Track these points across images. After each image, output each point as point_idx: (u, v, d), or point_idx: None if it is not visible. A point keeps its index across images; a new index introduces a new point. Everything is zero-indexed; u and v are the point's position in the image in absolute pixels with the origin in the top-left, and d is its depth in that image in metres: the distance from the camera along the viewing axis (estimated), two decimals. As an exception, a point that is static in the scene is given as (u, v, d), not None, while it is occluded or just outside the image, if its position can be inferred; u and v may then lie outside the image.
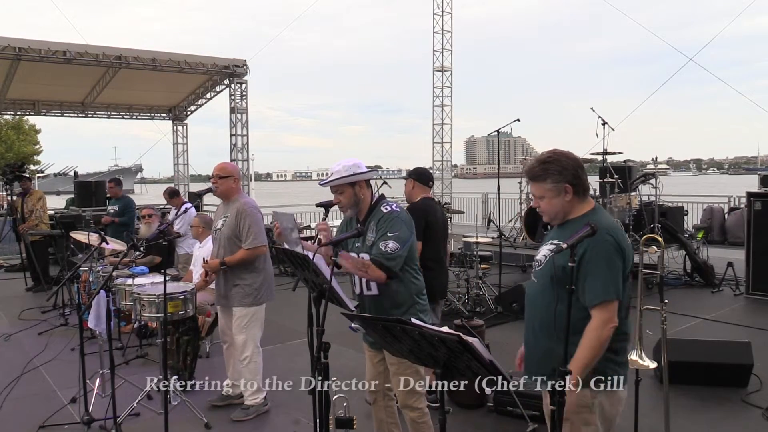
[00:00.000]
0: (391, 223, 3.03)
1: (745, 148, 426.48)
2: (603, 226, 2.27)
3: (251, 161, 16.10)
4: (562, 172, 2.36)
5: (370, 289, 3.12)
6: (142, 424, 4.18)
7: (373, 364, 3.27)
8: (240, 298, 4.26)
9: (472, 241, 7.92)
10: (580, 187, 2.39)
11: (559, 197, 2.38)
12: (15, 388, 4.76)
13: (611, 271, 2.25)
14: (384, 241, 2.98)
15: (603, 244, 2.26)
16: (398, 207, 3.16)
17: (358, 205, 3.15)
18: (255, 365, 4.32)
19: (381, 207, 3.12)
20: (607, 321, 2.24)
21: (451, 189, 17.26)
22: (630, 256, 2.33)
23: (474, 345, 1.88)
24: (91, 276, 6.03)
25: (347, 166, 3.09)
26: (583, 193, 2.41)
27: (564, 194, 2.37)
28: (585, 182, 2.41)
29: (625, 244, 2.31)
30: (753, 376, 4.69)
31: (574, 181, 2.36)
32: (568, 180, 2.35)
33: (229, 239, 4.25)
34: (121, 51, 11.54)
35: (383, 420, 3.32)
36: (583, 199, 2.41)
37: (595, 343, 2.24)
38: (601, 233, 2.23)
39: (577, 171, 2.38)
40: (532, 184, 2.45)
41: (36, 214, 8.81)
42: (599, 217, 2.35)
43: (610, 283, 2.25)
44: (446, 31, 16.76)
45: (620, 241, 2.29)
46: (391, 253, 2.96)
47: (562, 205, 2.39)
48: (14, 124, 38.03)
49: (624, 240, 2.32)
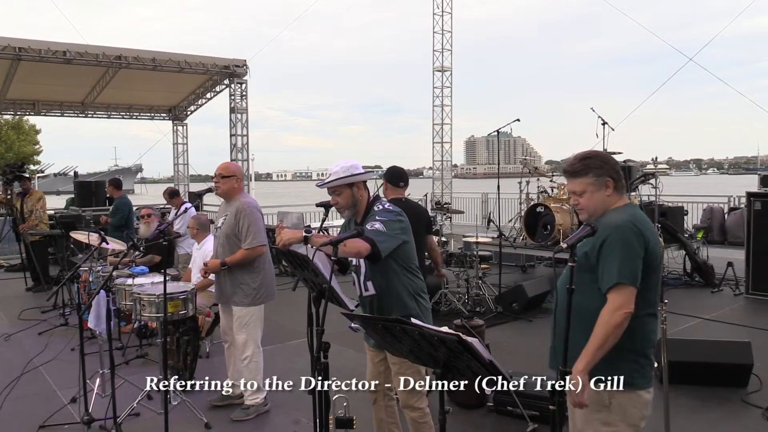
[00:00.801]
0: (381, 214, 3.04)
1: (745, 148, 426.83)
2: (629, 216, 2.30)
3: (251, 161, 16.08)
4: (603, 167, 2.40)
5: (367, 290, 3.13)
6: (142, 424, 4.18)
7: (374, 364, 3.27)
8: (240, 298, 4.26)
9: (472, 241, 7.93)
10: (620, 183, 2.43)
11: (601, 191, 2.40)
12: (15, 388, 4.76)
13: (628, 254, 2.21)
14: (370, 222, 2.99)
15: (622, 231, 2.25)
16: (394, 207, 3.15)
17: (356, 206, 3.15)
18: (255, 365, 4.32)
19: (375, 207, 3.13)
20: (619, 306, 2.18)
21: (451, 189, 17.24)
22: (655, 250, 2.29)
23: (474, 345, 1.88)
24: (91, 276, 6.03)
25: (345, 168, 3.09)
26: (621, 190, 2.44)
27: (605, 188, 2.39)
28: (623, 178, 2.46)
29: (649, 234, 2.28)
30: (753, 376, 4.69)
31: (614, 176, 2.40)
32: (610, 174, 2.39)
33: (228, 238, 4.26)
34: (121, 51, 11.54)
35: (383, 420, 3.32)
36: (620, 195, 2.44)
37: (605, 328, 2.18)
38: (626, 222, 2.26)
39: (616, 166, 2.44)
40: (571, 181, 2.47)
41: (36, 214, 8.82)
42: (634, 211, 2.37)
43: (625, 266, 2.20)
44: (446, 31, 16.75)
45: (643, 230, 2.27)
46: (377, 229, 2.93)
47: (603, 199, 2.40)
48: (14, 124, 38.04)
49: (648, 231, 2.29)
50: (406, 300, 3.10)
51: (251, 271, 4.27)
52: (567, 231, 8.47)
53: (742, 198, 10.09)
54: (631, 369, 2.28)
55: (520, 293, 7.24)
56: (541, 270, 10.40)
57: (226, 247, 4.27)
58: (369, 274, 3.10)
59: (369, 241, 2.87)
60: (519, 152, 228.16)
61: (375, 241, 2.88)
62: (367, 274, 3.11)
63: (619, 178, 2.41)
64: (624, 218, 2.29)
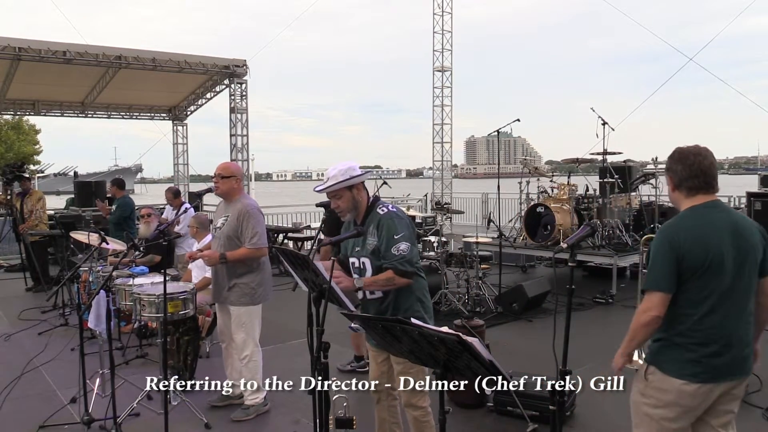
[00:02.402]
0: (392, 224, 3.01)
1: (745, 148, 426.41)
2: (665, 223, 2.49)
3: (251, 161, 16.09)
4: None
5: (373, 293, 3.11)
6: (142, 424, 4.18)
7: (377, 364, 3.27)
8: (237, 297, 4.26)
9: (472, 241, 7.93)
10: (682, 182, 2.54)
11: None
12: (15, 388, 4.75)
13: (654, 263, 2.41)
14: (395, 245, 2.96)
15: (654, 240, 2.48)
16: (394, 207, 3.15)
17: (357, 208, 3.14)
18: (255, 364, 4.32)
19: (377, 209, 3.10)
20: (646, 309, 2.39)
21: (451, 189, 17.24)
22: (690, 252, 2.37)
23: (474, 345, 1.88)
24: (91, 276, 6.03)
25: (342, 170, 3.06)
26: (685, 191, 2.56)
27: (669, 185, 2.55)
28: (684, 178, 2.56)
29: (679, 240, 2.39)
30: (753, 376, 4.68)
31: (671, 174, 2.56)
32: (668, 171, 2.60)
33: (229, 239, 4.24)
34: (121, 51, 11.54)
35: (385, 419, 3.32)
36: (685, 196, 2.54)
37: (633, 324, 2.42)
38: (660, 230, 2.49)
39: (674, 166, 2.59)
40: None
41: (36, 215, 8.81)
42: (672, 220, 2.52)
43: (651, 273, 2.41)
44: (446, 31, 16.75)
45: (671, 238, 2.41)
46: (405, 254, 2.96)
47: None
48: (14, 124, 38.02)
49: (676, 237, 2.40)
50: (412, 302, 3.10)
51: (251, 271, 4.27)
52: (567, 231, 8.47)
53: (742, 198, 10.08)
54: (662, 353, 2.45)
55: (520, 293, 7.24)
56: (541, 270, 10.40)
57: (227, 248, 4.25)
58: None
59: (402, 273, 2.96)
60: (519, 152, 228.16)
61: (408, 271, 2.97)
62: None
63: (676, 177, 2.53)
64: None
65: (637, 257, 7.28)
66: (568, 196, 8.86)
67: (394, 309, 3.07)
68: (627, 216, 9.02)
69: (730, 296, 2.38)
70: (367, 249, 3.07)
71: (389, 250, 2.97)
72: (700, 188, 2.45)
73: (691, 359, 2.39)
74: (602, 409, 4.32)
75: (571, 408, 4.18)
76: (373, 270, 3.08)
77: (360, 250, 3.12)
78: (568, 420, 4.08)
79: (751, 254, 2.41)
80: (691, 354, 2.39)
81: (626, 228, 8.84)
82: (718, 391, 2.42)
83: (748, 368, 2.49)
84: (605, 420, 4.16)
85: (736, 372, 2.45)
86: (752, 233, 2.45)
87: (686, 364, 2.40)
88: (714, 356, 2.38)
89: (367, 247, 3.07)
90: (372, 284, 2.96)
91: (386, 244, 2.99)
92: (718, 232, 2.39)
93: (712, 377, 2.38)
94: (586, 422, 4.13)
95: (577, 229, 7.47)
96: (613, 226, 8.70)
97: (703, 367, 2.38)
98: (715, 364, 2.39)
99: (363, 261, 3.11)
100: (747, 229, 2.44)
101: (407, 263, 2.96)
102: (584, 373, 5.01)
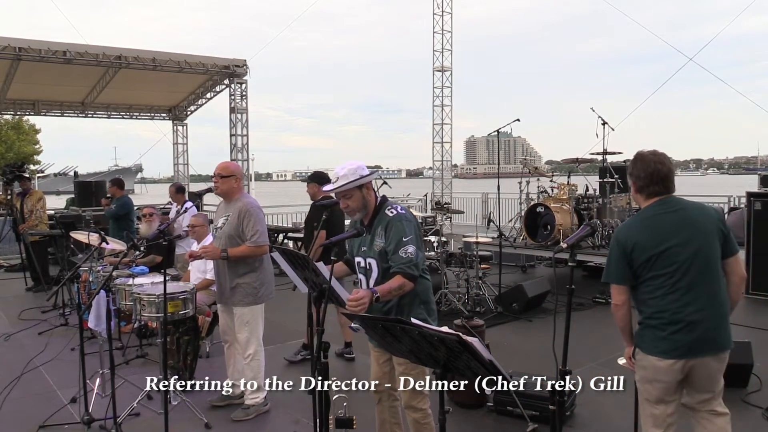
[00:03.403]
0: (401, 226, 2.98)
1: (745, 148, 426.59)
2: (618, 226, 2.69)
3: (251, 161, 16.10)
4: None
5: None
6: (142, 424, 4.18)
7: (378, 365, 3.26)
8: (240, 297, 4.26)
9: (472, 241, 7.92)
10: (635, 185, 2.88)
11: None
12: (15, 388, 4.76)
13: (608, 260, 2.77)
14: (402, 247, 2.94)
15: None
16: (402, 208, 3.11)
17: (366, 207, 3.10)
18: (258, 363, 4.32)
19: (386, 210, 3.07)
20: (612, 300, 2.78)
21: (451, 189, 17.23)
22: (636, 246, 2.68)
23: (474, 345, 1.88)
24: (91, 276, 6.03)
25: (352, 170, 3.01)
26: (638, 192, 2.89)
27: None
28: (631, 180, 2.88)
29: (626, 238, 2.73)
30: (753, 376, 4.69)
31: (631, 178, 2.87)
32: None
33: (230, 238, 4.23)
34: (121, 51, 11.54)
35: (386, 420, 3.31)
36: (641, 197, 2.85)
37: None
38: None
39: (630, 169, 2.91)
40: None
41: (36, 215, 8.81)
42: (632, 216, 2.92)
43: (605, 269, 2.79)
44: (446, 31, 16.74)
45: (618, 237, 2.77)
46: (412, 257, 2.93)
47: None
48: (14, 124, 38.00)
49: (622, 236, 2.76)
50: (416, 304, 3.08)
51: (253, 271, 4.27)
52: (567, 231, 8.47)
53: (742, 198, 10.07)
54: (641, 335, 2.76)
55: (520, 293, 7.24)
56: (541, 270, 10.40)
57: (228, 247, 4.26)
58: (382, 279, 3.04)
59: (410, 277, 2.93)
60: (519, 152, 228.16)
61: (415, 274, 2.94)
62: (378, 280, 3.05)
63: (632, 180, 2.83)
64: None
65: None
66: (568, 196, 8.85)
67: (398, 311, 3.06)
68: (627, 216, 9.00)
69: (689, 280, 2.63)
70: (374, 250, 3.05)
71: (397, 252, 2.94)
72: (659, 193, 2.74)
73: (662, 337, 2.67)
74: (602, 409, 4.32)
75: (571, 408, 4.18)
76: (380, 271, 3.05)
77: (366, 251, 3.10)
78: (568, 420, 4.08)
79: (704, 240, 2.67)
80: (660, 333, 2.67)
81: (626, 228, 8.83)
82: (688, 367, 2.66)
83: (720, 345, 2.69)
84: (605, 420, 4.15)
85: (705, 349, 2.66)
86: (706, 221, 2.71)
87: (658, 342, 2.68)
88: (680, 334, 2.63)
89: (374, 248, 3.04)
90: (387, 294, 2.92)
91: (394, 246, 2.96)
92: (666, 225, 2.68)
93: (682, 354, 2.64)
94: (586, 422, 4.13)
95: (577, 229, 7.47)
96: (613, 226, 8.70)
97: (672, 344, 2.64)
98: (683, 342, 2.63)
99: (369, 261, 3.09)
100: (699, 219, 2.71)
101: (414, 267, 2.94)
102: (584, 373, 5.01)
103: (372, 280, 3.10)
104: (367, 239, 3.10)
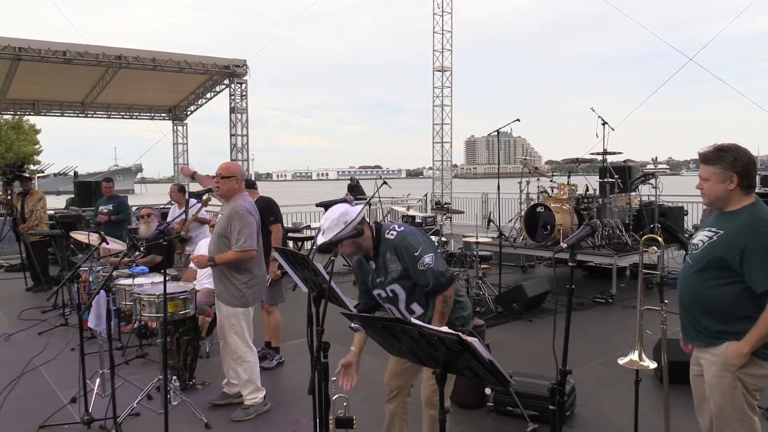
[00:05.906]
0: (408, 243, 2.96)
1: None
2: (761, 218, 2.46)
3: (251, 161, 16.10)
4: (734, 162, 2.52)
5: (413, 312, 3.08)
6: (142, 424, 4.18)
7: (397, 362, 3.24)
8: (228, 298, 4.28)
9: (472, 241, 7.92)
10: (746, 181, 2.54)
11: (723, 184, 2.54)
12: (15, 388, 4.76)
13: None
14: (419, 261, 2.92)
15: (760, 236, 2.44)
16: (400, 226, 3.09)
17: (364, 244, 3.04)
18: (248, 365, 4.31)
19: (386, 235, 3.03)
20: None
21: (451, 189, 17.24)
22: None
23: (473, 344, 1.88)
24: (91, 276, 6.03)
25: (334, 220, 2.91)
26: (748, 188, 2.57)
27: (729, 182, 2.53)
28: (752, 178, 2.58)
29: None
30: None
31: (742, 173, 2.52)
32: (737, 171, 2.51)
33: (219, 237, 4.26)
34: (121, 51, 11.55)
35: (397, 414, 3.31)
36: (746, 192, 2.56)
37: (763, 323, 2.47)
38: (759, 225, 2.45)
39: (749, 166, 2.55)
40: (702, 166, 2.62)
41: (36, 215, 8.82)
42: (759, 210, 2.52)
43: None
44: (446, 31, 16.74)
45: None
46: (432, 266, 2.93)
47: (723, 191, 2.55)
48: (14, 124, 38.03)
49: None
50: (453, 307, 3.09)
51: (242, 272, 4.27)
52: (567, 231, 8.47)
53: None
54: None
55: (520, 293, 7.24)
56: (541, 270, 10.40)
57: (217, 246, 4.28)
58: (411, 298, 3.05)
59: (443, 287, 2.95)
60: (519, 152, 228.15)
61: (445, 282, 2.96)
62: (410, 299, 3.06)
63: (747, 177, 2.54)
64: (759, 224, 2.46)
65: (636, 257, 7.27)
66: (568, 196, 8.86)
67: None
68: (627, 216, 9.02)
69: None
70: (392, 276, 3.01)
71: (416, 268, 2.93)
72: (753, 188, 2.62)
73: None
74: (602, 409, 4.32)
75: (571, 408, 4.18)
76: (407, 292, 3.04)
77: (384, 281, 3.06)
78: (568, 420, 4.08)
79: None
80: None
81: (626, 228, 8.84)
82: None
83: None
84: (605, 420, 4.15)
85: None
86: None
87: None
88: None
89: (391, 274, 3.01)
90: (441, 321, 2.93)
91: (412, 264, 2.94)
92: None
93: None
94: (586, 422, 4.13)
95: (577, 228, 7.47)
96: (613, 226, 8.70)
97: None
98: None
99: (391, 289, 3.05)
100: None
101: (440, 275, 2.93)
102: (584, 373, 5.02)
103: (401, 303, 3.08)
104: (381, 269, 3.06)
